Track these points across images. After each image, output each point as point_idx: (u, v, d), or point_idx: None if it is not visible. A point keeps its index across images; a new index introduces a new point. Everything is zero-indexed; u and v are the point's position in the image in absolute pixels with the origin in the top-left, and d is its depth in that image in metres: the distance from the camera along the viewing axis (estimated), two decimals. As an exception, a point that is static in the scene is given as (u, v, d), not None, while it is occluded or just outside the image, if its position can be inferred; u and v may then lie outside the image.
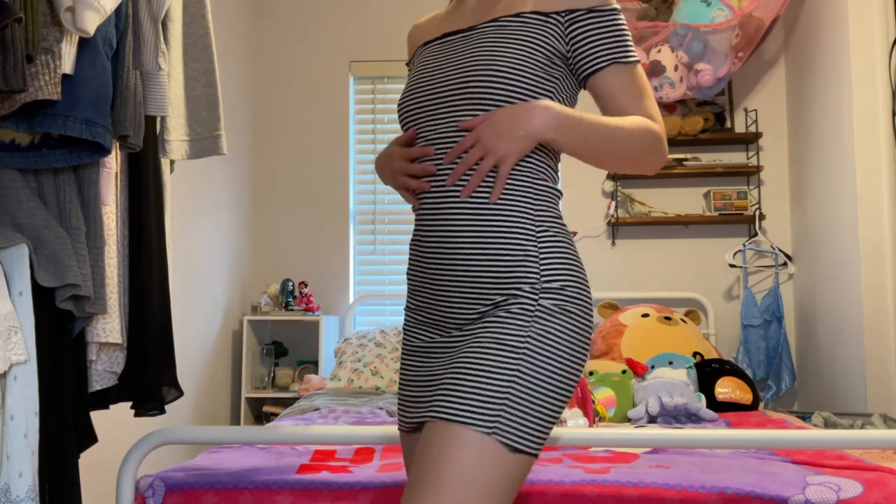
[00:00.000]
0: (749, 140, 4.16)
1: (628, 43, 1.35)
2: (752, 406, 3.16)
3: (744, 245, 4.07)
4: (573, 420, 2.52)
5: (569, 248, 1.33)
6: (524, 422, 1.20)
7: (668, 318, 3.62)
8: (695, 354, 3.43)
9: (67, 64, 1.46)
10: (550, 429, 1.24)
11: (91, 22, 1.42)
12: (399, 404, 1.42)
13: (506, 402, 1.19)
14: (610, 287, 4.24)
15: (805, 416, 3.21)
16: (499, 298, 1.28)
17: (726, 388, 3.16)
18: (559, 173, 1.37)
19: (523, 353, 1.23)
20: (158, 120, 1.86)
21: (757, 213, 4.09)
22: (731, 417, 2.90)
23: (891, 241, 3.23)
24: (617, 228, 4.25)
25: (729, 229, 4.22)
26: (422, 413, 1.33)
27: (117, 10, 1.61)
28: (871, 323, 3.24)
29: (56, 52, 1.42)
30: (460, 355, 1.26)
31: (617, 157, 1.32)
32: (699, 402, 2.94)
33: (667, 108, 4.22)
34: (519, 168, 1.31)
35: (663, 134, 1.35)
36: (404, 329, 1.43)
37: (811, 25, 3.85)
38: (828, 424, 3.00)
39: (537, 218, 1.31)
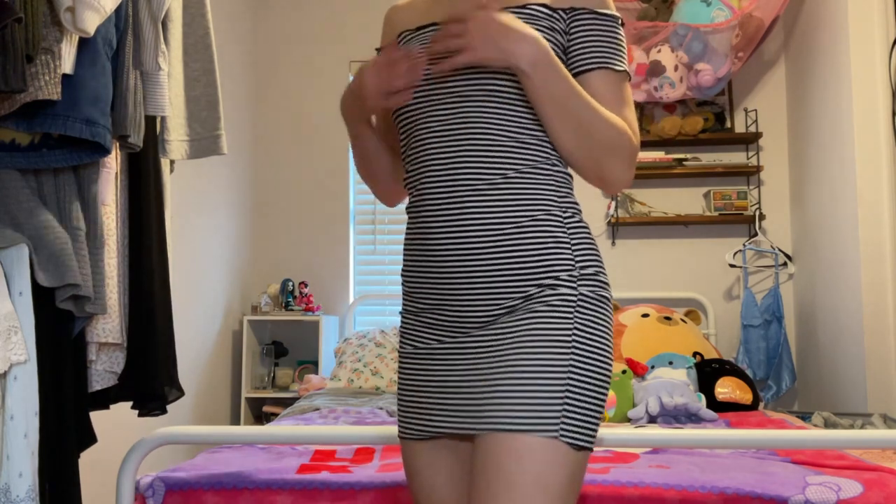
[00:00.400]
0: (749, 140, 4.16)
1: (622, 53, 1.31)
2: (752, 406, 3.16)
3: (744, 245, 4.07)
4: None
5: (591, 235, 1.30)
6: (584, 418, 1.18)
7: (668, 318, 3.62)
8: (695, 354, 3.43)
9: (67, 64, 1.46)
10: (601, 419, 1.23)
11: (91, 22, 1.42)
12: (403, 412, 1.34)
13: (566, 401, 1.17)
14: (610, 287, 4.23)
15: (805, 416, 3.21)
16: (532, 290, 1.23)
17: (726, 388, 3.16)
18: None
19: (573, 348, 1.20)
20: (158, 120, 1.86)
21: (757, 213, 4.09)
22: (731, 417, 2.90)
23: (891, 241, 3.23)
24: (617, 228, 4.25)
25: (729, 229, 4.22)
26: (456, 422, 1.25)
27: (117, 10, 1.61)
28: (871, 323, 3.24)
29: (56, 52, 1.42)
30: (505, 357, 1.21)
31: (580, 134, 1.23)
32: (699, 402, 2.93)
33: (667, 108, 4.22)
34: (540, 153, 1.26)
35: (636, 147, 1.28)
36: (403, 333, 1.36)
37: (811, 25, 3.85)
38: (828, 424, 3.00)
39: (562, 202, 1.27)
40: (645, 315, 3.64)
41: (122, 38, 1.63)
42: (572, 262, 1.24)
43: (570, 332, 1.20)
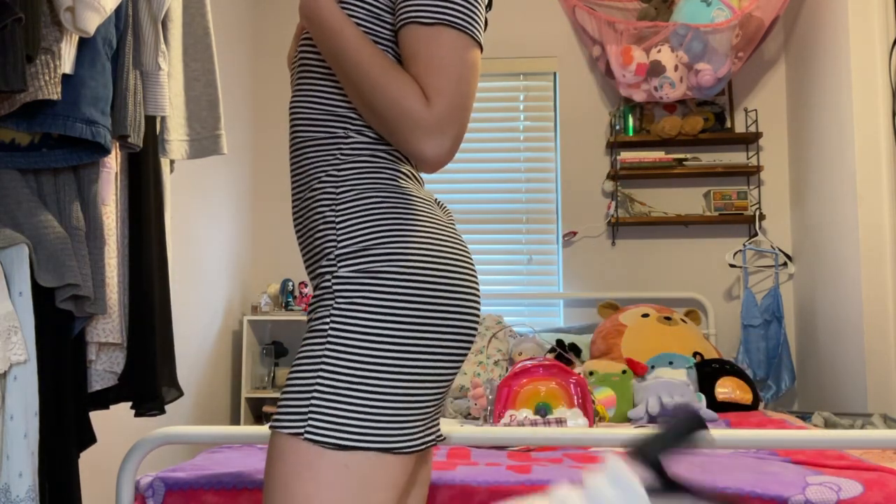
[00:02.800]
0: (749, 140, 4.16)
1: (440, 1, 1.07)
2: (752, 406, 3.16)
3: (744, 245, 4.07)
4: (573, 420, 2.52)
5: (384, 204, 1.09)
6: (342, 413, 1.02)
7: (668, 318, 3.62)
8: (695, 354, 3.43)
9: (67, 64, 1.46)
10: (403, 414, 1.04)
11: (91, 22, 1.42)
12: None
13: (313, 396, 1.02)
14: (610, 287, 4.24)
15: (805, 416, 3.21)
16: (315, 278, 1.12)
17: (726, 388, 3.16)
18: None
19: (328, 336, 1.04)
20: (158, 120, 1.86)
21: (757, 213, 4.09)
22: (731, 417, 2.90)
23: (891, 241, 3.23)
24: (617, 228, 4.25)
25: (729, 229, 4.22)
26: None
27: (117, 10, 1.61)
28: (871, 323, 3.24)
29: (56, 52, 1.42)
30: None
31: (359, 100, 1.09)
32: (699, 402, 2.94)
33: (667, 108, 4.22)
34: (331, 124, 1.14)
35: (435, 119, 1.05)
36: None
37: (811, 25, 3.85)
38: (828, 424, 3.00)
39: (341, 176, 1.11)
40: (645, 315, 3.64)
41: (122, 38, 1.63)
42: (334, 243, 1.08)
43: (326, 321, 1.05)
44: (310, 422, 1.02)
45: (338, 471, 1.02)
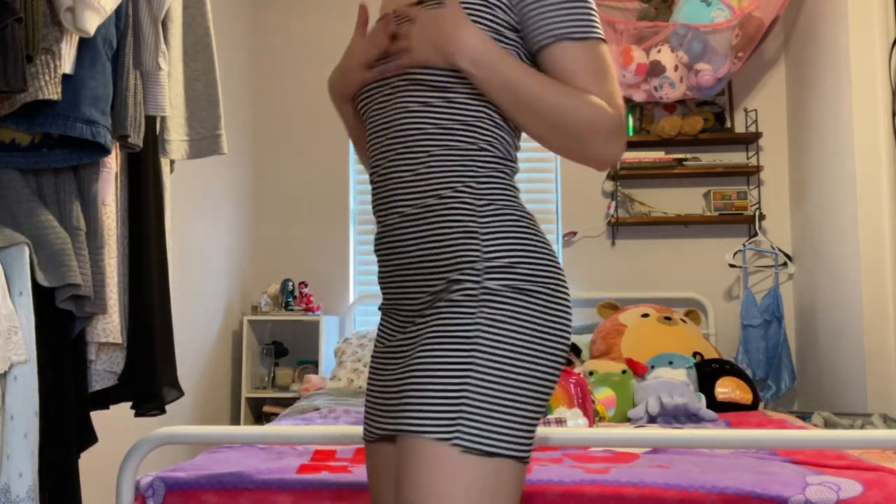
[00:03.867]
0: (749, 140, 4.16)
1: (583, 19, 1.17)
2: (752, 406, 3.16)
3: (744, 245, 4.07)
4: (573, 420, 2.52)
5: (521, 223, 1.19)
6: (490, 421, 1.07)
7: (668, 318, 3.62)
8: (695, 354, 3.43)
9: (67, 64, 1.46)
10: (531, 425, 1.12)
11: (91, 22, 1.42)
12: (365, 413, 1.31)
13: (463, 402, 1.07)
14: (610, 287, 4.24)
15: (805, 416, 3.21)
16: (440, 285, 1.16)
17: (726, 388, 3.16)
18: (516, 143, 1.28)
19: (475, 345, 1.10)
20: (158, 120, 1.86)
21: (757, 213, 4.09)
22: (731, 417, 2.90)
23: (891, 241, 3.23)
24: (617, 228, 4.25)
25: (729, 229, 4.22)
26: (390, 423, 1.21)
27: (117, 10, 1.61)
28: (871, 323, 3.24)
29: (56, 52, 1.42)
30: (413, 355, 1.16)
31: (546, 122, 1.16)
32: (699, 402, 2.94)
33: (667, 108, 4.22)
34: (465, 137, 1.20)
35: (616, 117, 1.15)
36: (377, 335, 1.32)
37: (811, 25, 3.85)
38: (828, 424, 3.00)
39: (480, 189, 1.18)
40: (645, 315, 3.64)
41: (122, 38, 1.63)
42: (479, 254, 1.15)
43: (472, 329, 1.11)
44: (460, 428, 1.07)
45: (486, 478, 1.07)
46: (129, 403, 1.82)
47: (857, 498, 1.68)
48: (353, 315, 4.32)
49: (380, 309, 1.32)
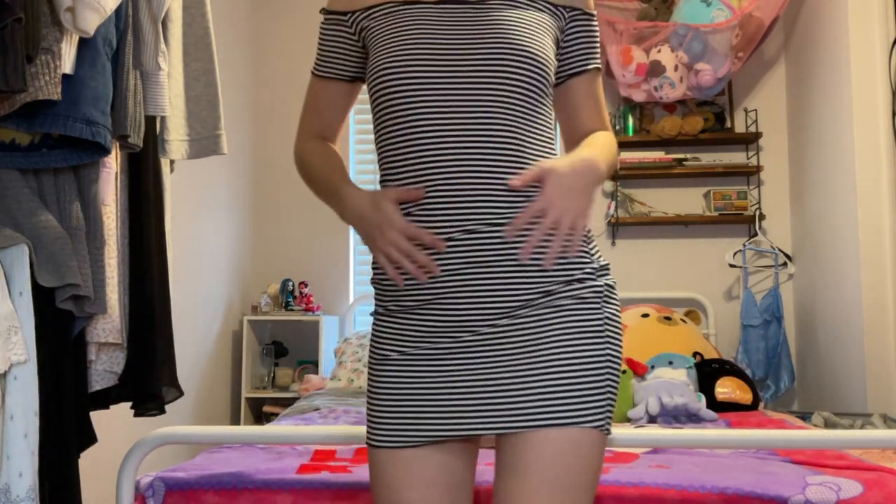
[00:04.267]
0: (749, 140, 4.16)
1: (599, 49, 1.42)
2: (752, 406, 3.16)
3: (744, 245, 4.07)
4: (573, 420, 2.51)
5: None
6: (612, 407, 1.24)
7: (668, 318, 3.62)
8: (695, 354, 3.43)
9: (67, 64, 1.46)
10: None
11: (91, 22, 1.42)
12: (378, 419, 1.27)
13: (608, 391, 1.23)
14: (610, 287, 4.23)
15: (805, 416, 3.21)
16: (555, 286, 1.24)
17: (726, 388, 3.16)
18: None
19: (608, 337, 1.25)
20: (158, 120, 1.86)
21: (757, 213, 4.09)
22: (731, 417, 2.90)
23: (891, 241, 3.23)
24: (617, 228, 4.25)
25: (729, 229, 4.21)
26: (472, 423, 1.22)
27: (117, 10, 1.61)
28: (871, 323, 3.24)
29: (56, 52, 1.42)
30: (538, 352, 1.21)
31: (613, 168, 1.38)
32: (699, 402, 2.93)
33: (667, 108, 4.22)
34: (549, 150, 1.32)
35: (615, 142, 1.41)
36: (380, 337, 1.30)
37: (811, 25, 3.85)
38: (828, 424, 3.00)
39: None
40: (645, 315, 3.64)
41: (122, 38, 1.63)
42: (590, 255, 1.29)
43: (602, 323, 1.25)
44: (607, 415, 1.23)
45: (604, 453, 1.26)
46: (129, 403, 1.82)
47: (857, 498, 1.68)
48: (352, 315, 4.32)
49: (387, 313, 1.29)
